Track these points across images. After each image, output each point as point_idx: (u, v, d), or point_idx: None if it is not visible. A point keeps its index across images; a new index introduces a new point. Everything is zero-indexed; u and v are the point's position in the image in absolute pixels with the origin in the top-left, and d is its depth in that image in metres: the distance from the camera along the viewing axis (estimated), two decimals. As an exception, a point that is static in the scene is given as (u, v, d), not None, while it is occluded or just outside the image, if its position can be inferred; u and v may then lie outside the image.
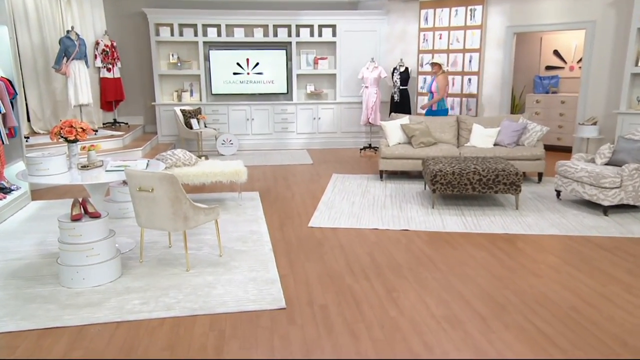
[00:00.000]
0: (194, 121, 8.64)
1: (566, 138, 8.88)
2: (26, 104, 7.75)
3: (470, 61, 8.77)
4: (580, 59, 8.50)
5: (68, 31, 7.68)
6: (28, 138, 7.08)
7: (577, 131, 7.79)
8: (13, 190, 5.58)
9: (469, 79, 8.83)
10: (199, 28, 9.28)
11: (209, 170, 5.65)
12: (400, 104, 8.88)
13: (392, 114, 7.92)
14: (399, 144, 7.04)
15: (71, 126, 4.30)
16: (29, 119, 7.88)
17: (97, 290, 3.67)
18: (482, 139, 6.96)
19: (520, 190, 5.55)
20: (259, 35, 9.46)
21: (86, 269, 3.70)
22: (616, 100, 7.41)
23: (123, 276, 3.90)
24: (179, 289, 3.69)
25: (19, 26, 7.47)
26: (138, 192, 3.92)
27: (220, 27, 9.34)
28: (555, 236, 4.84)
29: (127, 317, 3.28)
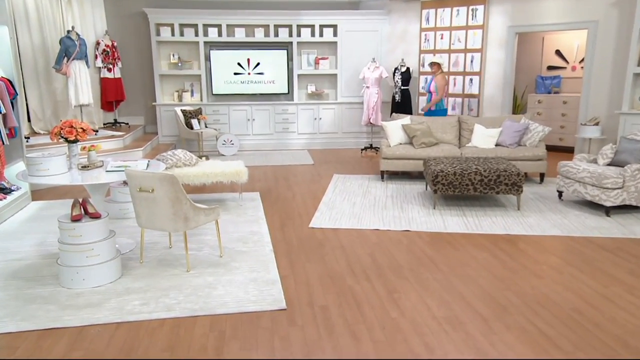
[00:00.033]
0: (194, 121, 8.63)
1: (568, 138, 8.86)
2: (27, 104, 7.75)
3: (471, 61, 8.75)
4: (583, 59, 8.47)
5: (69, 31, 7.68)
6: (28, 138, 7.08)
7: (579, 131, 7.77)
8: (13, 190, 5.58)
9: (471, 79, 8.81)
10: (199, 28, 9.27)
11: (209, 171, 5.64)
12: (402, 104, 8.86)
13: (393, 114, 7.91)
14: (400, 144, 7.02)
15: (71, 126, 4.30)
16: (29, 119, 7.88)
17: (97, 291, 3.66)
18: (484, 139, 6.94)
19: (522, 191, 5.53)
20: (259, 35, 9.45)
21: (86, 270, 3.69)
22: (618, 100, 7.39)
23: (123, 277, 3.90)
24: (180, 289, 3.69)
25: (20, 26, 7.47)
26: (138, 193, 3.91)
27: (221, 27, 9.34)
28: (557, 237, 4.82)
29: (127, 318, 3.28)
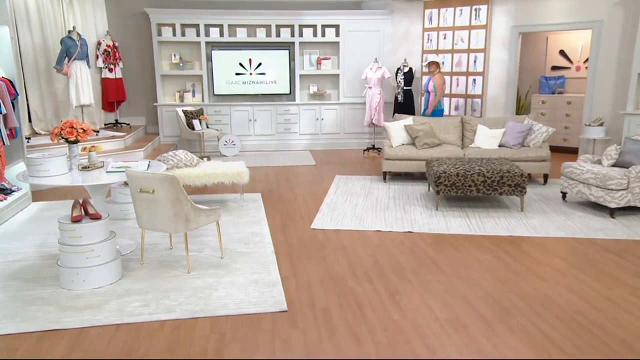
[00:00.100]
0: (196, 122, 8.61)
1: (572, 139, 8.82)
2: (27, 104, 7.75)
3: (475, 61, 8.71)
4: (587, 59, 8.43)
5: (70, 31, 7.67)
6: (29, 139, 7.08)
7: (584, 132, 7.73)
8: (14, 191, 5.57)
9: (474, 80, 8.77)
10: (201, 28, 9.26)
11: (210, 172, 5.62)
12: (404, 105, 8.83)
13: (396, 114, 7.88)
14: (403, 145, 6.99)
15: (72, 127, 4.29)
16: (30, 120, 7.88)
17: (98, 292, 3.65)
18: (487, 140, 6.91)
19: (525, 192, 5.50)
20: (261, 35, 9.43)
21: (86, 271, 3.68)
22: (623, 100, 7.34)
23: (123, 278, 3.88)
24: (180, 291, 3.67)
25: (21, 26, 7.46)
26: (139, 194, 3.90)
27: (223, 27, 9.32)
28: (560, 239, 4.79)
29: (128, 320, 3.27)
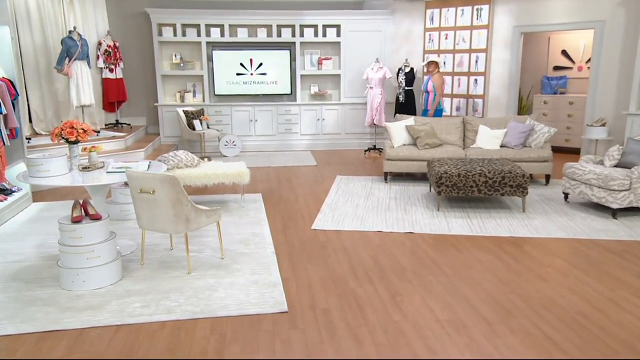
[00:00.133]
0: (196, 122, 8.61)
1: (574, 139, 8.79)
2: (28, 104, 7.75)
3: (476, 61, 8.70)
4: (589, 59, 8.40)
5: (70, 31, 7.67)
6: (30, 139, 7.07)
7: (586, 132, 7.71)
8: (14, 191, 5.57)
9: (475, 80, 8.75)
10: (202, 28, 9.25)
11: (211, 172, 5.61)
12: (406, 105, 8.81)
13: (397, 115, 7.86)
14: (404, 145, 6.98)
15: (72, 127, 4.28)
16: (30, 120, 7.87)
17: (98, 293, 3.64)
18: (489, 140, 6.89)
19: (527, 193, 5.48)
20: (262, 36, 9.42)
21: (86, 272, 3.67)
22: (625, 101, 7.32)
23: (124, 279, 3.88)
24: (180, 291, 3.67)
25: (21, 26, 7.46)
26: (139, 194, 3.89)
27: (224, 27, 9.31)
28: (562, 239, 4.77)
29: (128, 321, 3.26)
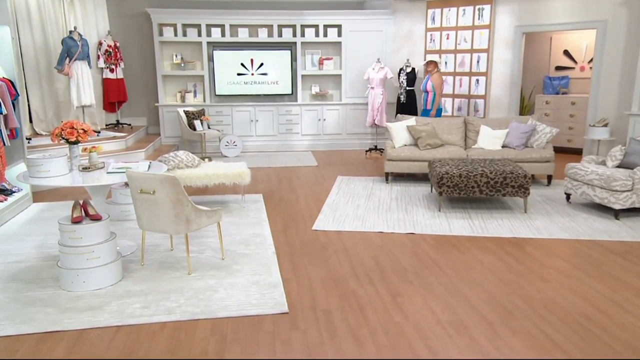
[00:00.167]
0: (197, 122, 8.60)
1: (576, 140, 8.77)
2: (28, 105, 7.74)
3: (478, 61, 8.68)
4: (591, 59, 8.37)
5: (71, 31, 7.65)
6: (30, 139, 7.07)
7: (588, 133, 7.69)
8: (14, 192, 5.56)
9: (477, 80, 8.73)
10: (202, 28, 9.24)
11: (211, 172, 5.60)
12: (407, 105, 8.79)
13: (398, 115, 7.84)
14: (405, 145, 6.96)
15: (72, 127, 4.27)
16: (31, 120, 7.86)
17: (98, 293, 3.64)
18: (490, 140, 6.87)
19: (528, 193, 5.46)
20: (263, 36, 9.41)
21: (86, 272, 3.67)
22: (628, 101, 7.30)
23: (124, 279, 3.87)
24: (181, 292, 3.66)
25: (22, 26, 7.45)
26: (139, 195, 3.88)
27: (224, 27, 9.30)
28: (564, 240, 4.76)
29: (128, 321, 3.26)
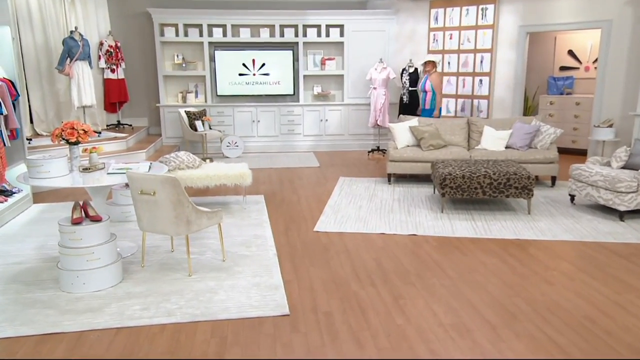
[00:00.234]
0: (198, 123, 8.58)
1: (581, 141, 8.72)
2: (29, 105, 7.74)
3: (481, 62, 8.64)
4: (596, 59, 8.33)
5: (72, 31, 7.63)
6: (30, 140, 7.06)
7: (593, 134, 7.64)
8: (14, 193, 5.55)
9: (480, 80, 8.70)
10: (204, 28, 9.23)
11: (213, 173, 5.58)
12: (409, 106, 8.76)
13: (401, 115, 7.83)
14: (408, 146, 6.93)
15: (73, 128, 4.26)
16: (31, 121, 7.86)
17: (98, 295, 3.62)
18: (494, 141, 6.83)
19: (532, 195, 5.43)
20: (265, 36, 9.40)
21: (86, 274, 3.65)
22: (633, 101, 7.25)
23: (124, 281, 3.86)
24: (181, 294, 3.64)
25: (22, 26, 7.45)
26: (140, 195, 3.87)
27: (226, 27, 9.29)
28: (568, 242, 4.72)
29: (128, 323, 3.24)
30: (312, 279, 3.94)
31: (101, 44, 8.70)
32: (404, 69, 8.87)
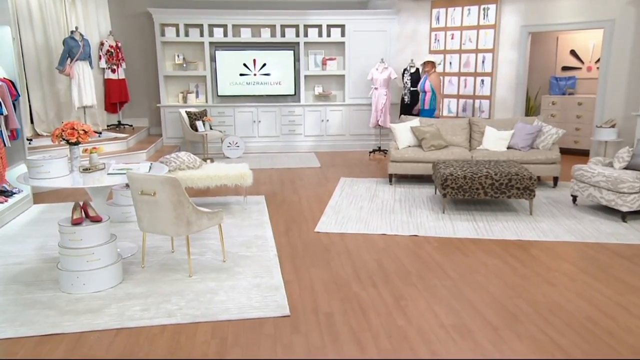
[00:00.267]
0: (199, 123, 8.58)
1: (583, 141, 8.70)
2: (29, 105, 7.73)
3: (483, 62, 8.62)
4: (598, 59, 8.29)
5: (72, 31, 7.62)
6: (31, 140, 7.06)
7: (595, 134, 7.62)
8: (15, 193, 5.55)
9: (482, 80, 8.68)
10: (205, 28, 9.22)
11: (213, 174, 5.58)
12: (411, 106, 8.75)
13: (402, 116, 7.81)
14: (409, 146, 6.91)
15: (73, 128, 4.26)
16: (32, 121, 7.85)
17: (98, 296, 3.62)
18: (495, 142, 6.82)
19: (534, 195, 5.41)
20: (266, 36, 9.39)
21: (86, 274, 3.65)
22: (635, 101, 7.23)
23: (124, 282, 3.85)
24: (181, 295, 3.64)
25: (23, 26, 7.45)
26: (140, 196, 3.87)
27: (227, 27, 9.28)
28: (570, 243, 4.71)
29: (128, 324, 3.24)
30: (313, 279, 3.93)
31: (102, 44, 8.69)
32: (405, 69, 8.86)
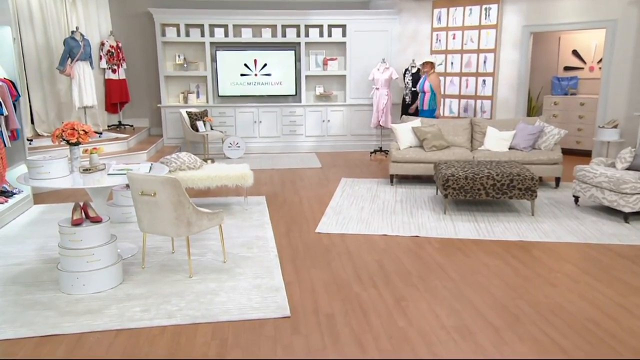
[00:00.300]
0: (200, 123, 8.57)
1: (585, 141, 8.67)
2: (30, 105, 7.73)
3: (484, 62, 8.60)
4: (601, 60, 8.28)
5: (73, 32, 7.62)
6: (31, 141, 7.05)
7: (597, 134, 7.60)
8: (15, 193, 5.54)
9: (484, 80, 8.66)
10: (205, 28, 9.22)
11: (214, 174, 5.57)
12: (411, 106, 8.72)
13: (404, 116, 7.80)
14: (410, 147, 6.90)
15: (73, 128, 4.25)
16: (32, 121, 7.85)
17: (98, 296, 3.61)
18: (497, 142, 6.80)
19: (536, 196, 5.40)
20: (267, 36, 9.38)
21: (86, 275, 3.64)
22: (638, 102, 7.22)
23: (124, 282, 3.84)
24: (182, 296, 3.63)
25: (23, 26, 7.45)
26: (140, 197, 3.86)
27: (228, 28, 9.28)
28: (572, 244, 4.69)
29: (128, 325, 3.23)
30: (314, 280, 3.92)
31: (102, 44, 8.69)
32: (406, 69, 8.85)
